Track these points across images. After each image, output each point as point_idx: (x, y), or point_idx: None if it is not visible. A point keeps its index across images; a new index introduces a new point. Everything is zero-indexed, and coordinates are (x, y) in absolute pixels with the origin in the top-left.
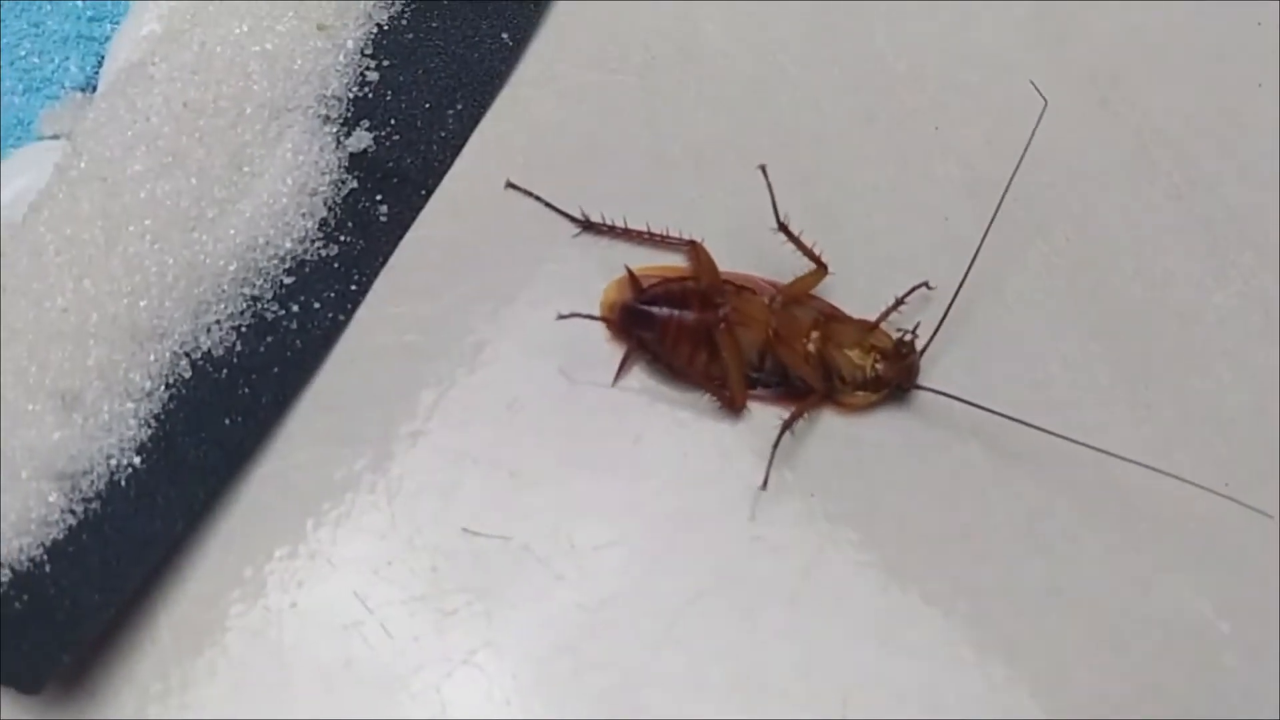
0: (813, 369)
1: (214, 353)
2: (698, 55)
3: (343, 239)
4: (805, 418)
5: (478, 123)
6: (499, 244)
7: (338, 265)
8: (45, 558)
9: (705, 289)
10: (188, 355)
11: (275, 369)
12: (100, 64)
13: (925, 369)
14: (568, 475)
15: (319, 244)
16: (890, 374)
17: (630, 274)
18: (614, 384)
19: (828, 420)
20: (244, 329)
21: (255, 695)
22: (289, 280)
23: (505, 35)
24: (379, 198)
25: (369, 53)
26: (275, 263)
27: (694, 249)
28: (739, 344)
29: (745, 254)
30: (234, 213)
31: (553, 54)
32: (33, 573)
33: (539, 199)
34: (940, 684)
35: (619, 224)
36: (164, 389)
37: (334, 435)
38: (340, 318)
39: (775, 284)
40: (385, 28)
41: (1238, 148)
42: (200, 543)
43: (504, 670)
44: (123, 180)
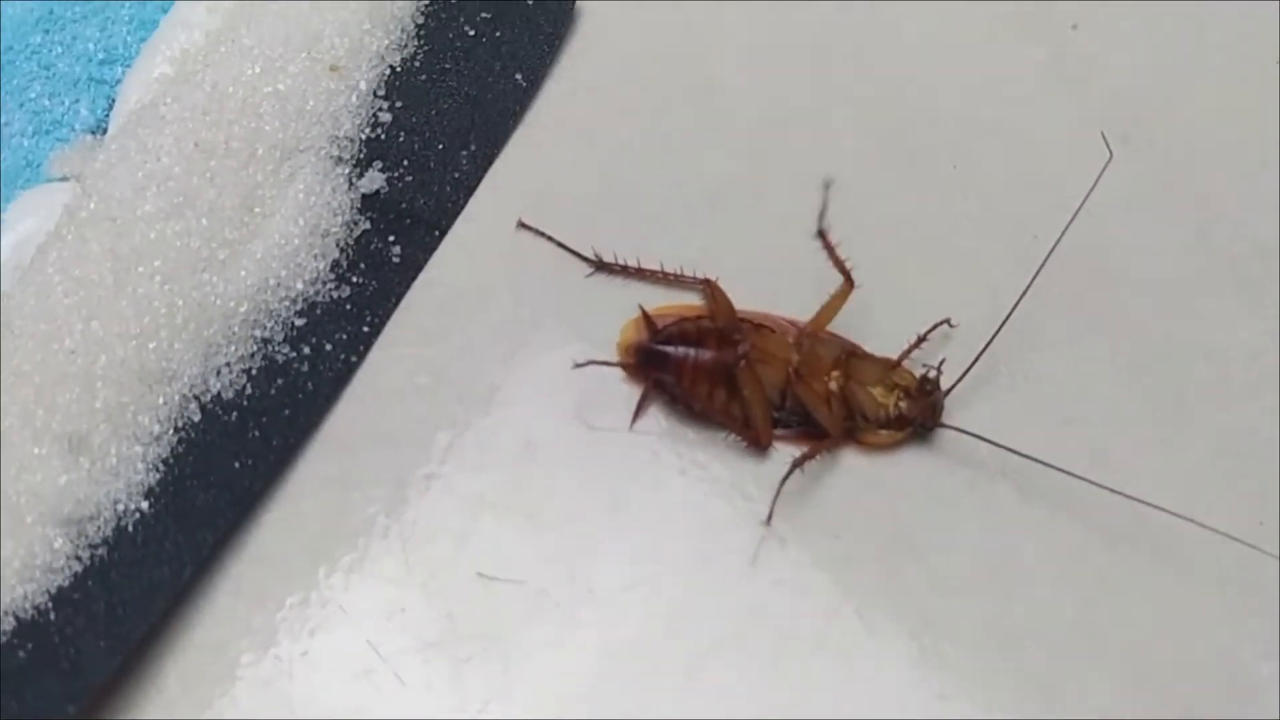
0: (833, 408)
1: (224, 395)
2: (712, 95)
3: (355, 280)
4: (818, 458)
5: (491, 164)
6: (512, 285)
7: (350, 307)
8: (50, 605)
9: (722, 327)
10: (197, 398)
11: (286, 412)
12: (111, 106)
13: (950, 408)
14: (585, 518)
15: (331, 285)
16: (914, 412)
17: (644, 314)
18: (631, 427)
19: (851, 460)
20: (254, 371)
21: None
22: (300, 322)
23: (519, 76)
24: (391, 239)
25: (381, 94)
26: (286, 304)
27: (710, 287)
28: (761, 382)
29: (761, 293)
30: (245, 254)
31: (566, 95)
32: (37, 620)
33: (551, 239)
34: None
35: (633, 264)
36: (173, 432)
37: (345, 479)
38: (352, 359)
39: (794, 322)
40: (398, 69)
41: (1261, 185)
42: (209, 590)
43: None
44: (132, 221)
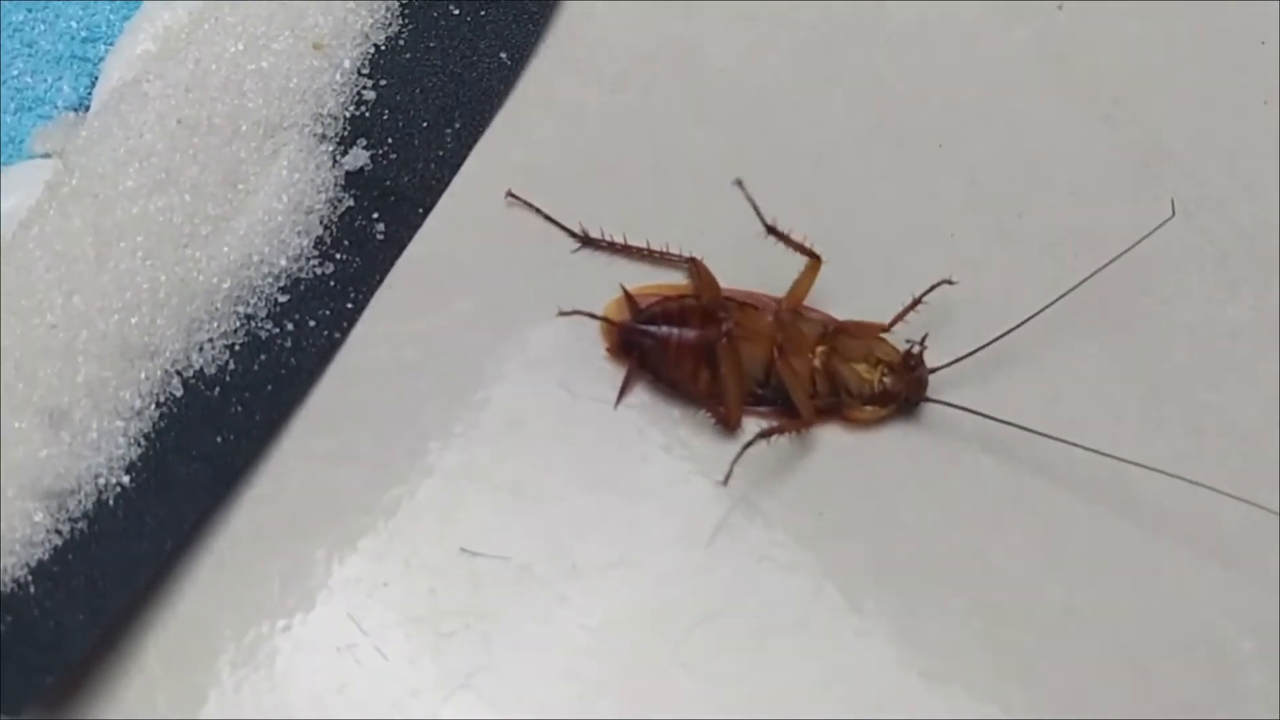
0: (817, 385)
1: (206, 371)
2: (698, 74)
3: (339, 257)
4: (794, 435)
5: (476, 141)
6: (497, 262)
7: (334, 283)
8: (30, 578)
9: (706, 306)
10: (179, 373)
11: (269, 387)
12: (93, 84)
13: (934, 385)
14: (570, 495)
15: (314, 262)
16: (898, 387)
17: (626, 294)
18: (616, 406)
19: (835, 436)
20: (237, 347)
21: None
22: (284, 298)
23: (504, 54)
24: (376, 216)
25: (366, 72)
26: (270, 280)
27: (694, 265)
28: (741, 360)
29: (748, 271)
30: (228, 230)
31: (552, 73)
32: (17, 594)
33: (538, 210)
34: (959, 707)
35: (619, 240)
36: (154, 407)
37: (329, 455)
38: (336, 336)
39: (778, 300)
40: (382, 47)
41: (1244, 164)
42: (191, 565)
43: (504, 694)
44: (115, 196)
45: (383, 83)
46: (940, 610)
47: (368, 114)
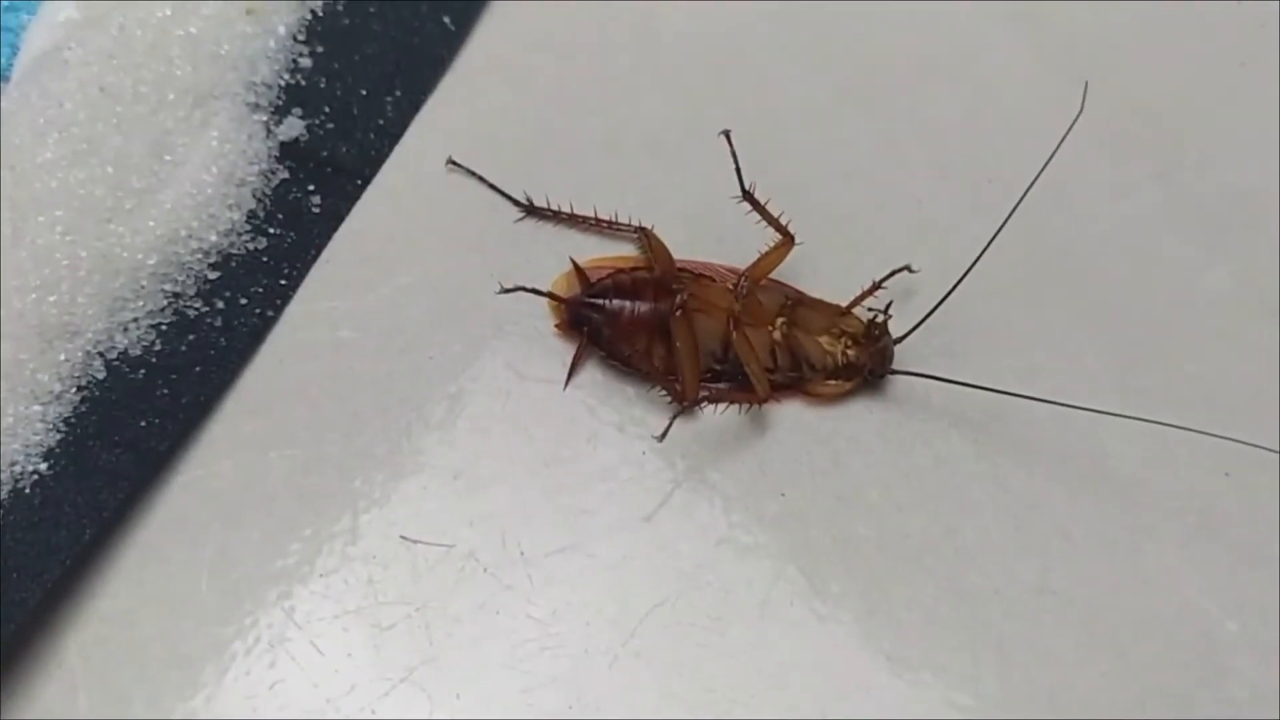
0: (778, 359)
1: (131, 352)
2: (654, 37)
3: (272, 231)
4: (749, 411)
5: (418, 110)
6: (439, 236)
7: (266, 259)
8: None
9: (660, 277)
10: (101, 354)
11: (197, 368)
12: (14, 54)
13: (902, 358)
14: (516, 478)
15: (246, 237)
16: (863, 359)
17: (576, 266)
18: (566, 387)
19: (798, 413)
20: (164, 326)
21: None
22: (213, 275)
23: (447, 19)
24: (311, 188)
25: (302, 38)
26: (199, 257)
27: (645, 235)
28: (695, 333)
29: (704, 241)
30: (154, 204)
31: (499, 38)
32: None
33: (481, 179)
34: (927, 694)
35: (566, 209)
36: (75, 391)
37: (260, 439)
38: (269, 314)
39: (737, 270)
40: (319, 12)
41: (1223, 126)
42: (113, 556)
43: (447, 689)
44: (31, 169)
45: (319, 49)
46: (909, 592)
47: (303, 82)
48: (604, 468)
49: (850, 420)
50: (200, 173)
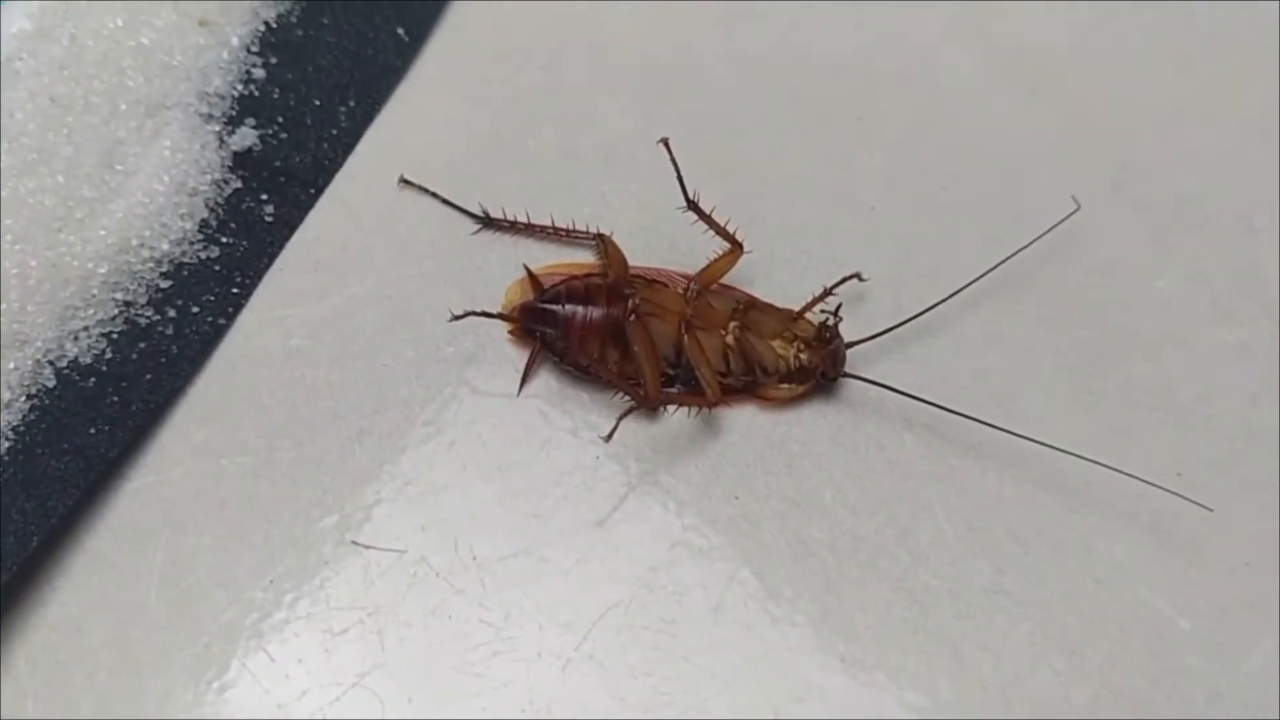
0: (730, 363)
1: (81, 360)
2: (606, 47)
3: (225, 240)
4: (702, 415)
5: (372, 120)
6: (393, 244)
7: (219, 268)
8: None
9: (613, 283)
10: (52, 363)
11: (148, 376)
12: None
13: (855, 362)
14: (469, 484)
15: (198, 246)
16: (815, 362)
17: (529, 273)
18: (519, 392)
19: (751, 416)
20: (115, 335)
21: None
22: (165, 284)
23: (401, 30)
24: (264, 197)
25: (255, 50)
26: (150, 266)
27: (602, 241)
28: (651, 336)
29: (658, 248)
30: (105, 213)
31: (453, 50)
32: None
33: (435, 195)
34: (881, 695)
35: (522, 220)
36: (24, 399)
37: (211, 447)
38: (221, 322)
39: (689, 275)
40: (273, 24)
41: (1174, 132)
42: (63, 563)
43: (398, 694)
44: None
45: (273, 60)
46: (862, 594)
47: (257, 92)
48: (557, 472)
49: (803, 424)
50: (152, 182)
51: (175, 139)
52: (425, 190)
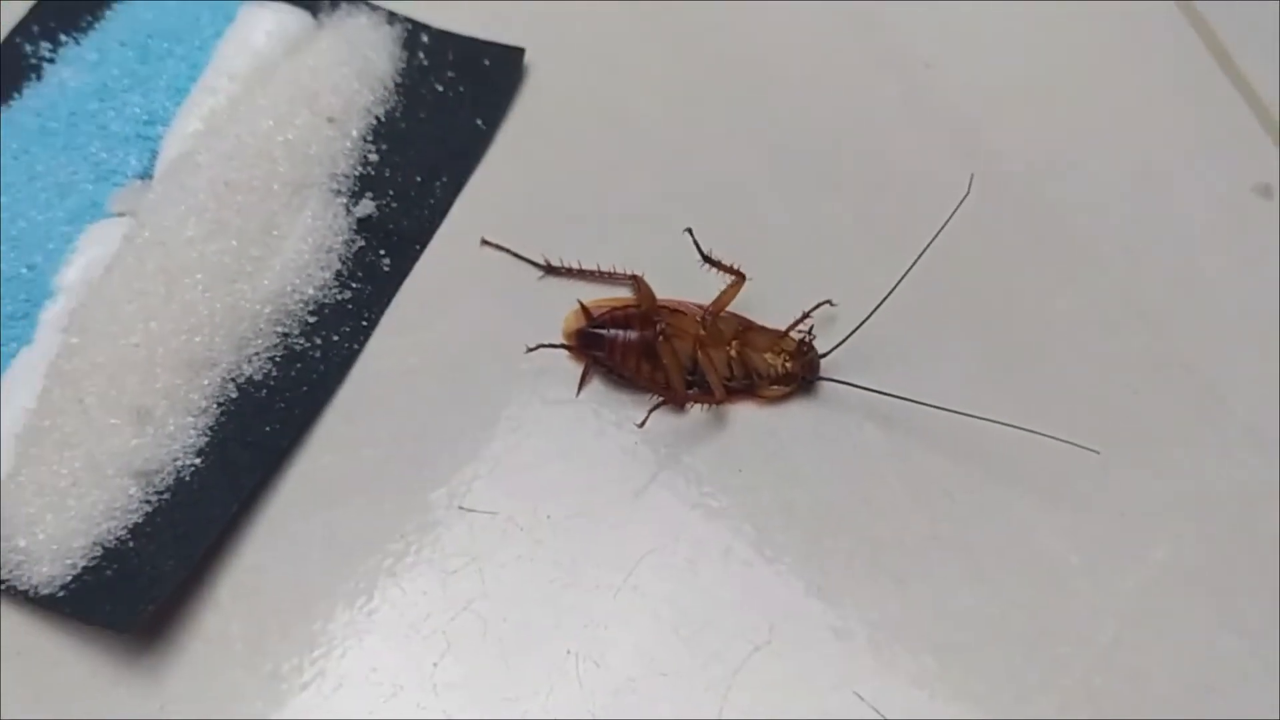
0: (733, 371)
1: (254, 378)
2: (634, 130)
3: (354, 286)
4: (708, 409)
5: (460, 191)
6: (479, 287)
7: (351, 306)
8: (129, 536)
9: (645, 312)
10: (233, 380)
11: (304, 389)
12: (154, 157)
13: (830, 371)
14: (542, 464)
15: (335, 290)
16: (797, 369)
17: (582, 305)
18: (577, 395)
19: (750, 411)
20: (277, 358)
21: (296, 640)
22: (312, 319)
23: (479, 121)
24: (382, 252)
25: (370, 140)
26: (301, 305)
27: (636, 281)
28: (677, 353)
29: (678, 285)
30: (267, 267)
31: (519, 134)
32: (119, 548)
33: (509, 251)
34: (846, 614)
35: (575, 266)
36: (216, 407)
37: (352, 440)
38: (355, 347)
39: (702, 306)
40: (383, 119)
41: (1080, 175)
42: (250, 525)
43: (497, 615)
44: (178, 244)
45: (384, 147)
46: (834, 542)
47: (373, 172)
48: (606, 455)
49: (790, 416)
50: (299, 243)
51: (314, 210)
52: (500, 247)
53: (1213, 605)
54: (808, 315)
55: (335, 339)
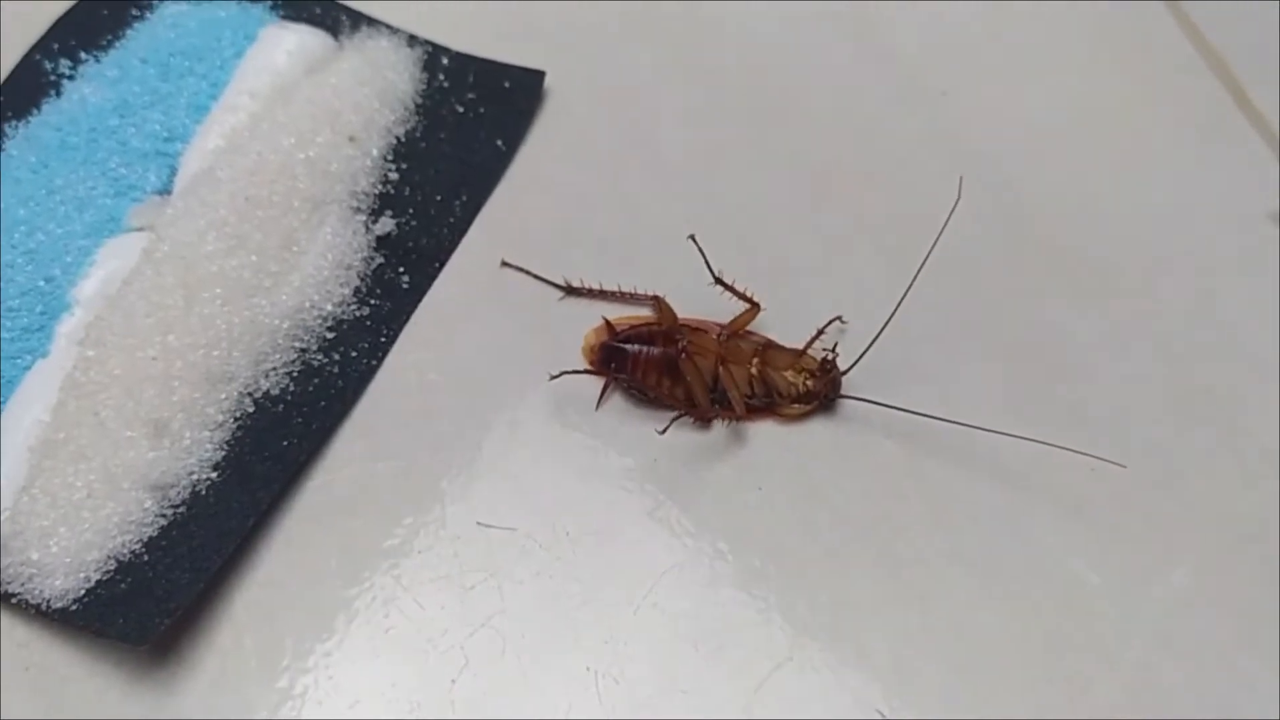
0: (754, 389)
1: (271, 392)
2: (653, 153)
3: (373, 302)
4: (729, 425)
5: (479, 210)
6: (498, 306)
7: (369, 323)
8: (143, 550)
9: (667, 330)
10: (251, 394)
11: (321, 404)
12: (173, 174)
13: (849, 388)
14: (561, 480)
15: (354, 306)
16: (819, 387)
17: (606, 321)
18: (597, 409)
19: (770, 429)
20: (295, 373)
21: (311, 655)
22: (330, 335)
23: (499, 142)
24: (401, 270)
25: (390, 159)
26: (319, 321)
27: (657, 301)
28: (700, 369)
29: (698, 305)
30: (285, 283)
31: (538, 156)
32: (133, 562)
33: (529, 273)
34: (866, 628)
35: (596, 286)
36: (233, 421)
37: (369, 453)
38: (373, 363)
39: (721, 325)
40: (403, 139)
41: (1096, 213)
42: (266, 539)
43: (515, 631)
44: (197, 259)
45: (404, 166)
46: (855, 559)
47: (392, 191)
48: (625, 470)
49: (810, 434)
50: (318, 259)
51: (334, 227)
52: (521, 269)
53: (1233, 627)
54: (822, 332)
55: (353, 355)
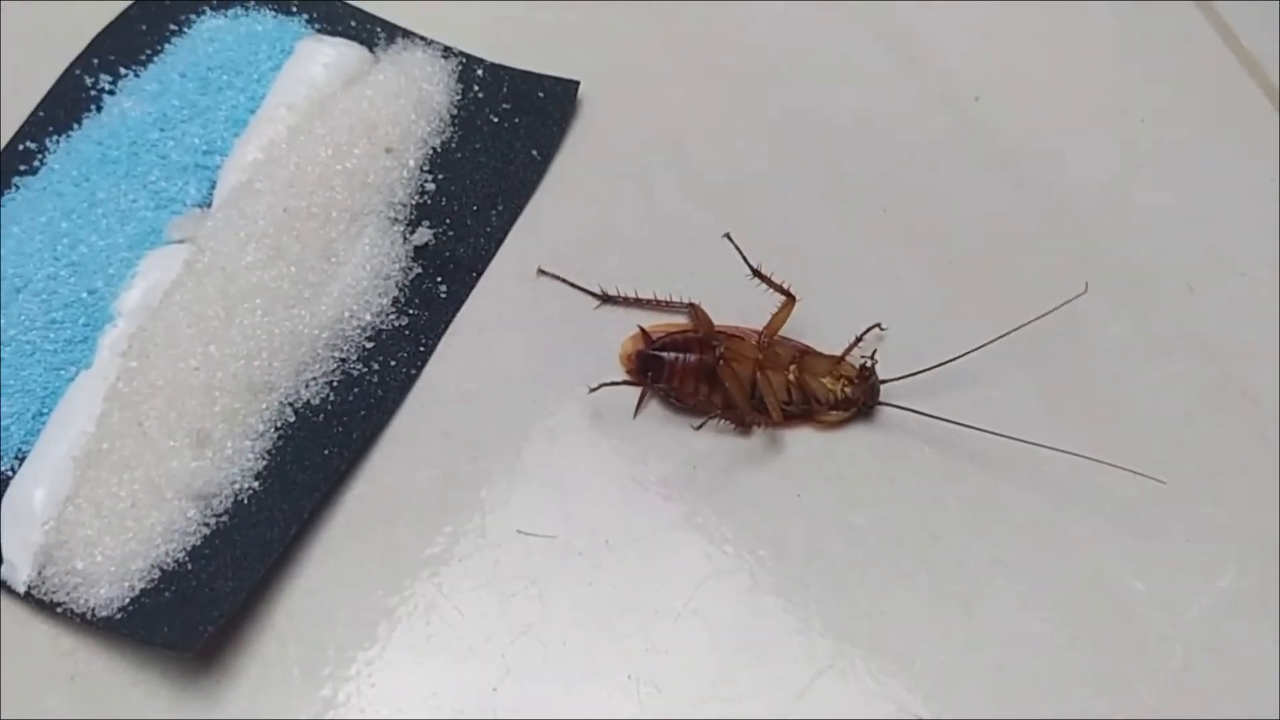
0: (791, 396)
1: (312, 402)
2: (685, 162)
3: (411, 312)
4: (764, 429)
5: (515, 220)
6: (535, 314)
7: (408, 332)
8: (187, 559)
9: (703, 337)
10: (291, 404)
11: (362, 413)
12: (213, 187)
13: (886, 396)
14: (600, 487)
15: (393, 316)
16: (857, 395)
17: (642, 329)
18: (635, 416)
19: (808, 436)
20: (335, 383)
21: (354, 663)
22: (369, 345)
23: (535, 152)
24: (439, 280)
25: (427, 169)
26: (358, 331)
27: (693, 309)
28: (739, 376)
29: (733, 311)
30: (325, 293)
31: (573, 165)
32: (177, 571)
33: (565, 280)
34: (908, 635)
35: (631, 294)
36: (274, 430)
37: (410, 463)
38: (412, 372)
39: (758, 331)
40: (439, 149)
41: (1129, 215)
42: (308, 547)
43: (555, 638)
44: (237, 270)
45: (440, 177)
46: (894, 566)
47: (429, 201)
48: (663, 478)
49: (849, 440)
50: (357, 270)
51: (372, 238)
52: (557, 276)
53: (1278, 633)
54: (860, 339)
55: (392, 364)
